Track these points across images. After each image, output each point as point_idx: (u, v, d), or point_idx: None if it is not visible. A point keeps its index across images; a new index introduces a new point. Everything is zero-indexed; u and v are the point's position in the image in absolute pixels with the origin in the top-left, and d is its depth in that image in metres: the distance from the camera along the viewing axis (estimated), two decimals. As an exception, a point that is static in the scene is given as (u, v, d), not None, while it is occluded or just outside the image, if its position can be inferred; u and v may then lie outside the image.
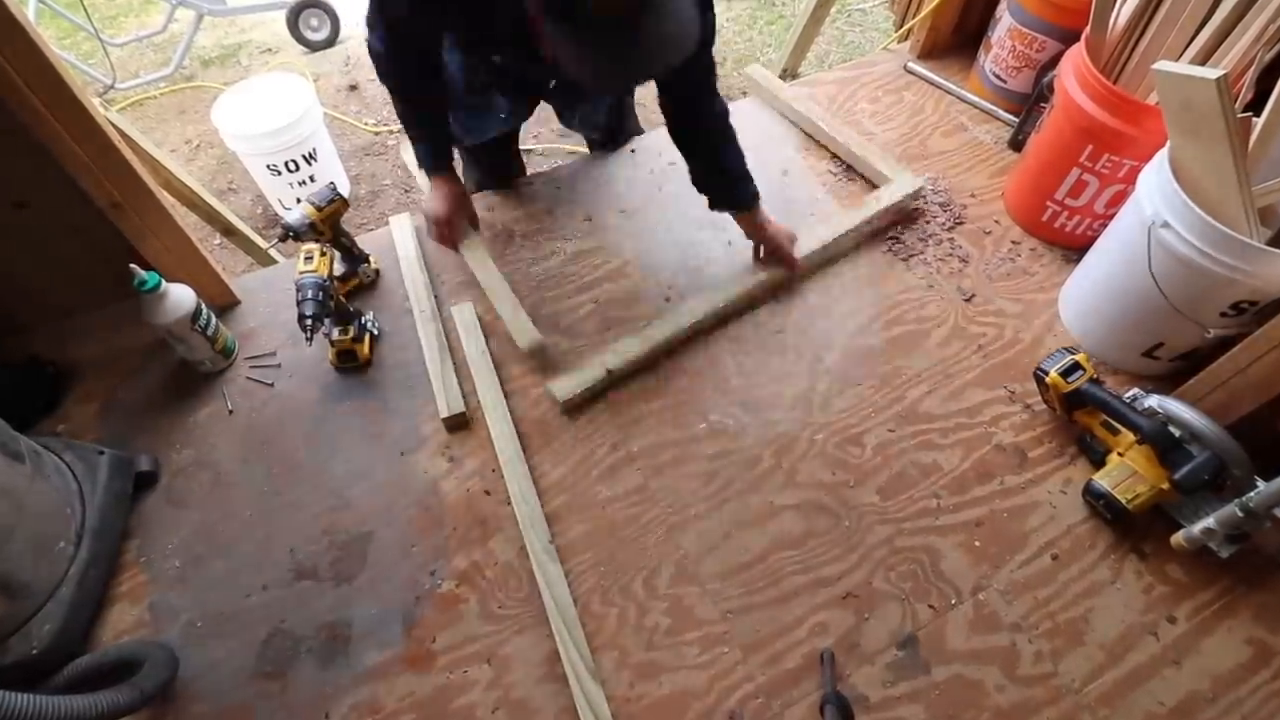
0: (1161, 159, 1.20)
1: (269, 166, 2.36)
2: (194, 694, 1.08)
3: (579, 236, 1.60)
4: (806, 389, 1.37)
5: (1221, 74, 1.02)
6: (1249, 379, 1.11)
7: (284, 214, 1.34)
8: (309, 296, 1.23)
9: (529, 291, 1.52)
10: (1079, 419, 1.26)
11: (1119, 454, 1.19)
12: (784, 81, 1.92)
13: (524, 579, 1.17)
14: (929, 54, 1.99)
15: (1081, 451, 1.27)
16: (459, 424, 1.33)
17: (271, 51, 3.35)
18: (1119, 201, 1.41)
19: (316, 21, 3.24)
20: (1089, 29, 1.38)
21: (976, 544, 1.19)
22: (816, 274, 1.54)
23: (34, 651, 1.03)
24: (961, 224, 1.62)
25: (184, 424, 1.35)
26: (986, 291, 1.51)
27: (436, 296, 1.50)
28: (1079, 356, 1.23)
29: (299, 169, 2.38)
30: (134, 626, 1.14)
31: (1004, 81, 1.81)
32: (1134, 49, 1.39)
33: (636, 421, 1.33)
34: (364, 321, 1.42)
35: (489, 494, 1.26)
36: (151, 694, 0.99)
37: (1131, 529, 1.19)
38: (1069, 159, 1.44)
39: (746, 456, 1.29)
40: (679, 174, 1.72)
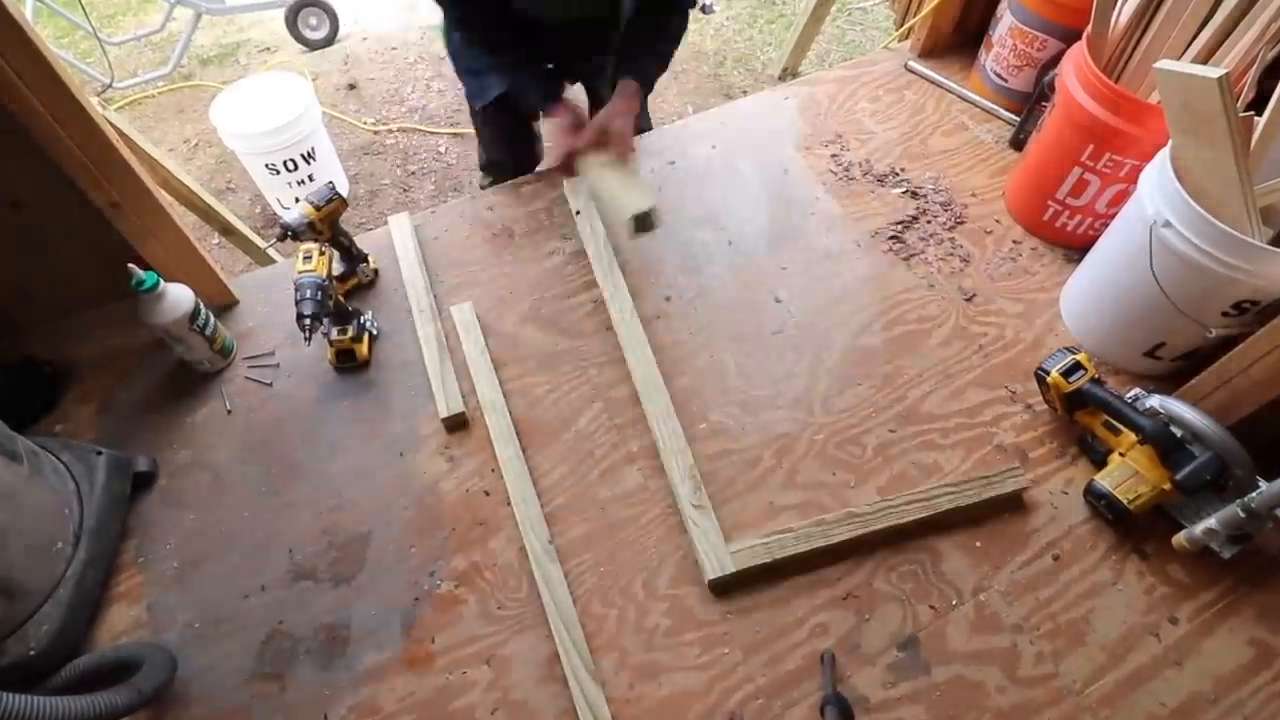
0: (1163, 158, 1.20)
1: (267, 166, 2.35)
2: (192, 695, 1.08)
3: (579, 236, 1.60)
4: (807, 389, 1.37)
5: (1223, 73, 1.02)
6: (1251, 379, 1.11)
7: (282, 213, 1.34)
8: (307, 296, 1.22)
9: (529, 290, 1.52)
10: (1080, 419, 1.25)
11: (1120, 454, 1.19)
12: (784, 80, 1.92)
13: (523, 579, 1.17)
14: (930, 53, 1.99)
15: (1083, 452, 1.27)
16: (458, 424, 1.33)
17: (270, 50, 3.34)
18: (1120, 201, 1.41)
19: (315, 20, 3.24)
20: (1090, 28, 1.38)
21: (977, 545, 1.19)
22: (816, 272, 1.54)
23: (31, 653, 1.03)
24: (962, 223, 1.62)
25: (182, 424, 1.35)
26: (987, 291, 1.51)
27: (436, 296, 1.49)
28: (1080, 356, 1.22)
29: (297, 168, 2.38)
30: (132, 627, 1.14)
31: (1005, 80, 1.80)
32: (1136, 48, 1.39)
33: (636, 421, 1.33)
34: (363, 321, 1.42)
35: (488, 494, 1.25)
36: (150, 695, 0.99)
37: (1133, 529, 1.18)
38: (1070, 158, 1.43)
39: (747, 457, 1.29)
40: (679, 174, 1.73)
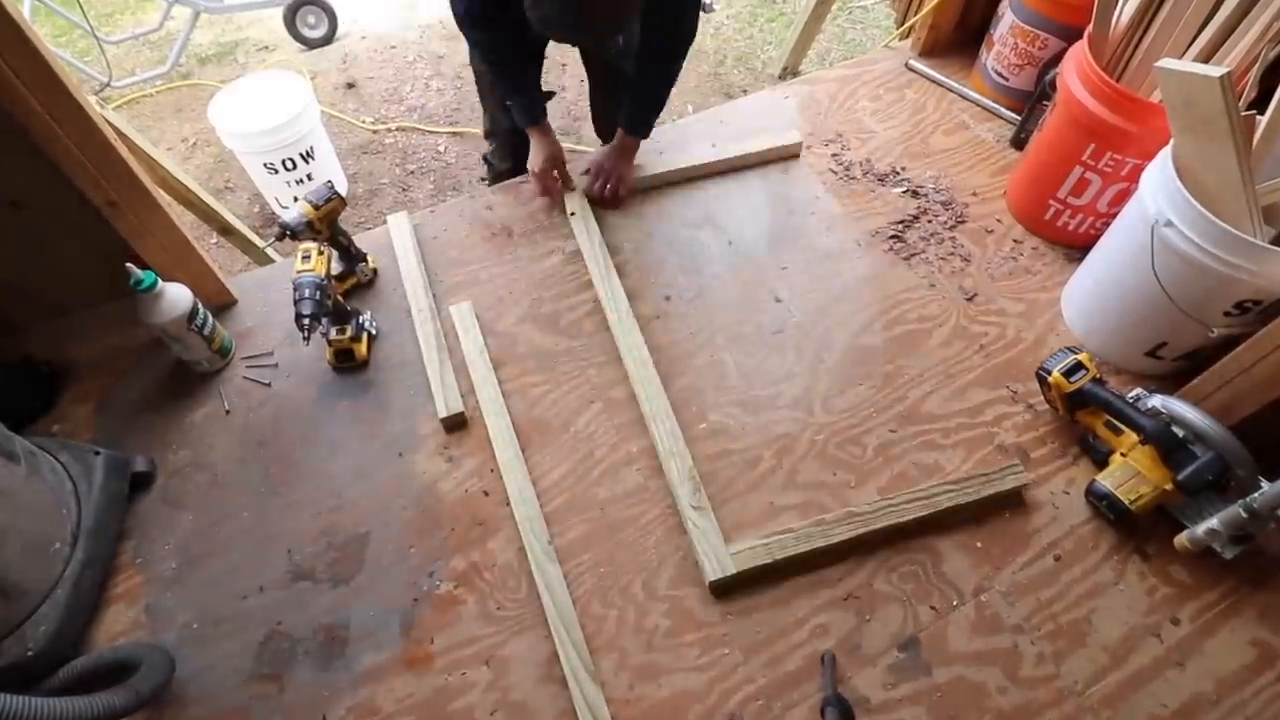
0: (1165, 157, 1.19)
1: (266, 165, 2.34)
2: (190, 696, 1.08)
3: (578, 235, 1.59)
4: (807, 389, 1.36)
5: (1225, 72, 1.02)
6: (1253, 379, 1.10)
7: (281, 213, 1.33)
8: (306, 296, 1.22)
9: (528, 290, 1.51)
10: (1082, 419, 1.25)
11: (1122, 454, 1.18)
12: (785, 79, 1.91)
13: (523, 580, 1.16)
14: (930, 51, 1.98)
15: (1084, 452, 1.27)
16: (457, 424, 1.32)
17: (268, 49, 3.33)
18: (1122, 200, 1.40)
19: (314, 19, 3.23)
20: (1092, 26, 1.37)
21: (978, 545, 1.18)
22: (816, 271, 1.53)
23: (29, 653, 1.03)
24: (963, 223, 1.61)
25: (180, 424, 1.34)
26: (988, 291, 1.50)
27: (435, 295, 1.49)
28: (1082, 356, 1.22)
29: (296, 167, 2.36)
30: (130, 628, 1.14)
31: (1006, 79, 1.80)
32: (1137, 46, 1.39)
33: (636, 422, 1.32)
34: (362, 321, 1.42)
35: (488, 494, 1.25)
36: (148, 696, 0.99)
37: (1135, 530, 1.18)
38: (1071, 157, 1.43)
39: (747, 457, 1.28)
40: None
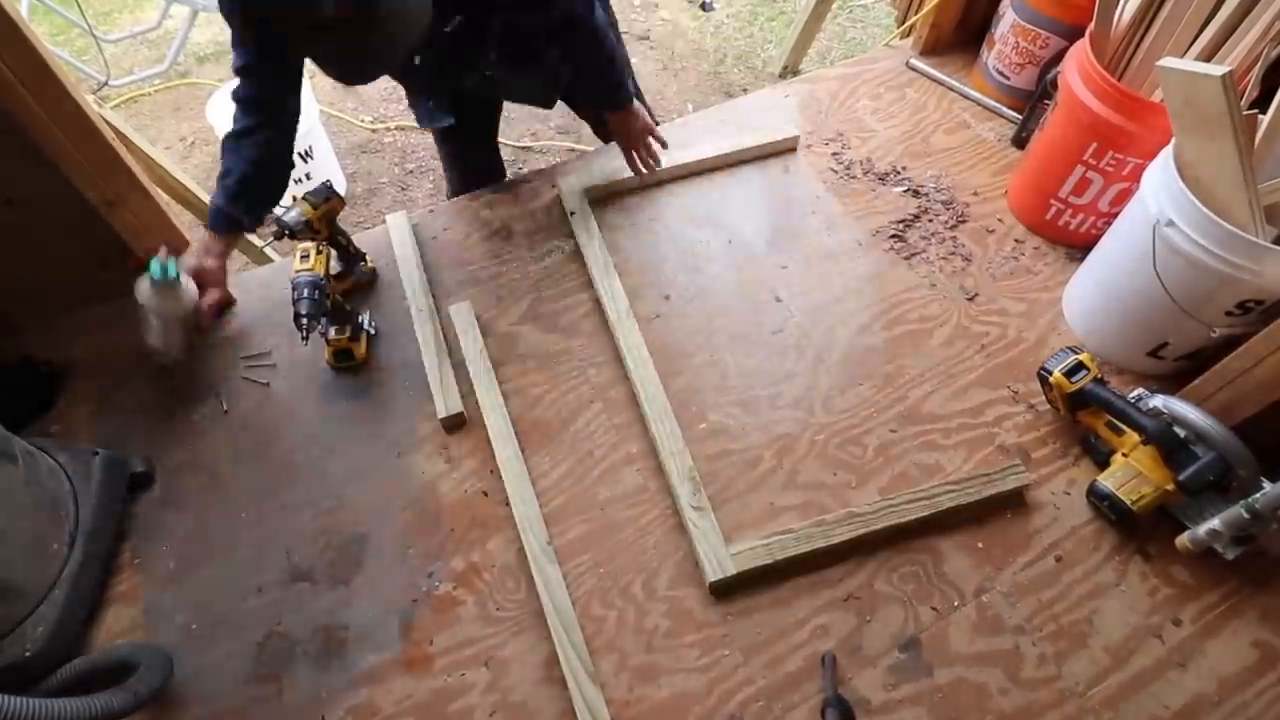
0: (1166, 156, 1.19)
1: (266, 164, 2.34)
2: (189, 697, 1.08)
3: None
4: (807, 389, 1.36)
5: (1227, 70, 1.01)
6: (1255, 379, 1.10)
7: (280, 212, 1.33)
8: (305, 295, 1.21)
9: (528, 290, 1.51)
10: (1083, 419, 1.24)
11: (1123, 455, 1.18)
12: (785, 78, 1.91)
13: (522, 581, 1.16)
14: (931, 50, 1.98)
15: (1085, 452, 1.26)
16: (457, 424, 1.32)
17: (269, 48, 3.33)
18: (1123, 199, 1.40)
19: (314, 18, 3.22)
20: (1093, 25, 1.37)
21: (979, 545, 1.18)
22: (817, 271, 1.53)
23: (27, 654, 1.03)
24: (964, 222, 1.61)
25: (179, 424, 1.34)
26: (989, 290, 1.50)
27: (434, 295, 1.48)
28: (1083, 356, 1.21)
29: (294, 166, 2.36)
30: (128, 629, 1.14)
31: (1007, 78, 1.79)
32: (1139, 45, 1.38)
33: (636, 421, 1.32)
34: (360, 320, 1.41)
35: (487, 495, 1.25)
36: (146, 697, 0.98)
37: (1136, 530, 1.18)
38: (1073, 156, 1.42)
39: (747, 457, 1.28)
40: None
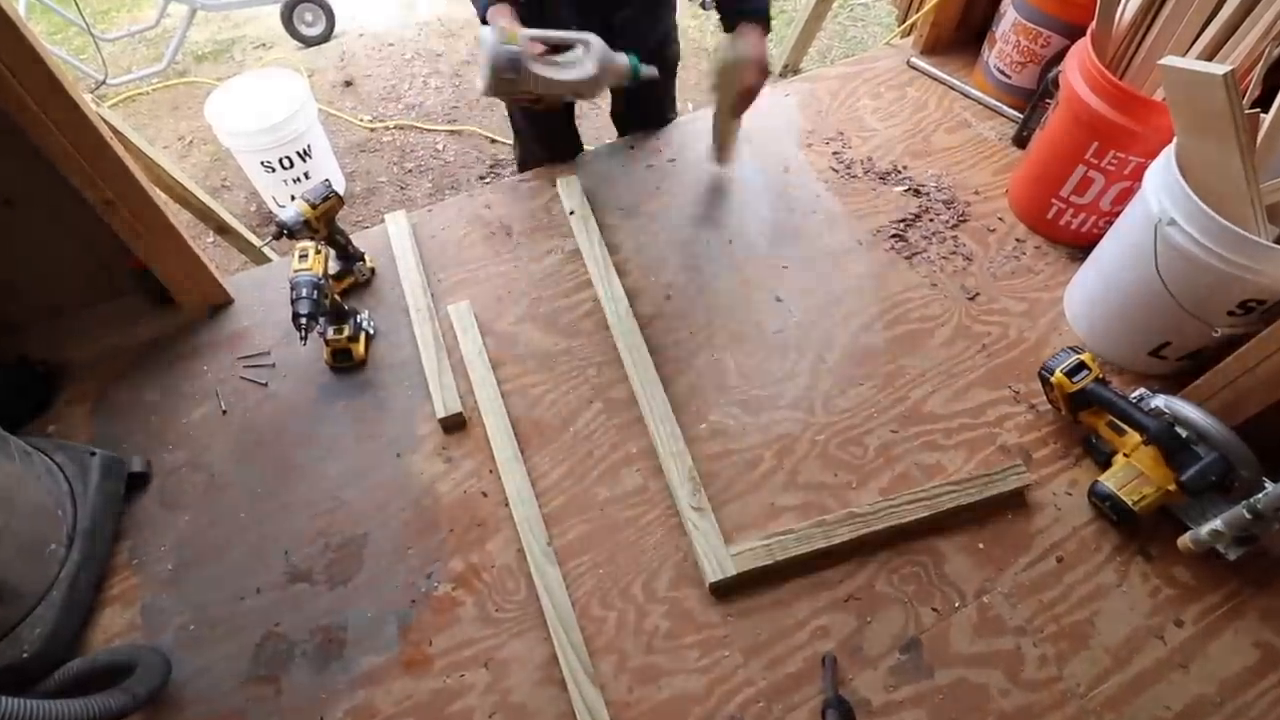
0: (1168, 155, 1.18)
1: (263, 163, 2.34)
2: (187, 698, 1.07)
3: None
4: (808, 389, 1.36)
5: (1229, 69, 1.01)
6: (1257, 379, 1.10)
7: (278, 211, 1.33)
8: (304, 295, 1.21)
9: (527, 289, 1.50)
10: (1084, 419, 1.24)
11: (1125, 455, 1.18)
12: (785, 77, 1.90)
13: (522, 581, 1.15)
14: (932, 49, 1.97)
15: (1087, 452, 1.26)
16: (456, 424, 1.32)
17: (265, 47, 3.33)
18: (1125, 199, 1.39)
19: (311, 16, 3.22)
20: (1094, 24, 1.36)
21: (980, 546, 1.18)
22: (817, 270, 1.52)
23: (24, 655, 1.02)
24: (965, 221, 1.61)
25: (177, 424, 1.34)
26: (990, 290, 1.49)
27: (433, 295, 1.48)
28: (1084, 356, 1.21)
29: (293, 166, 2.36)
30: (126, 630, 1.13)
31: (1008, 77, 1.79)
32: (1140, 44, 1.38)
33: (636, 422, 1.32)
34: (359, 320, 1.41)
35: (486, 495, 1.24)
36: (144, 698, 0.98)
37: (1138, 531, 1.17)
38: (1074, 156, 1.42)
39: (747, 457, 1.28)
40: (679, 172, 1.71)
